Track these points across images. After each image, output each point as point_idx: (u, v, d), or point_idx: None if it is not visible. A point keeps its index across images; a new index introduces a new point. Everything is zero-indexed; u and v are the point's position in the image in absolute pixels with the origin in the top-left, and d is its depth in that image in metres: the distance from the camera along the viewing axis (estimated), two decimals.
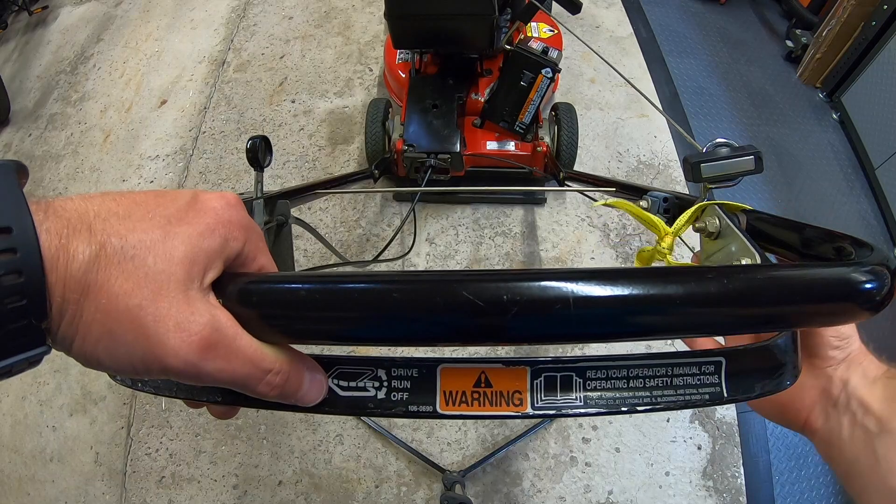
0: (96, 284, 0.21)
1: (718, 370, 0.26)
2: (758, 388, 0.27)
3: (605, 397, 0.25)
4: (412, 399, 0.26)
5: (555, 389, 0.26)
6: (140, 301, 0.21)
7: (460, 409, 0.26)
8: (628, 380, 0.26)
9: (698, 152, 0.43)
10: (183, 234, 0.23)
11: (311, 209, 1.51)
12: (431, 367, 0.26)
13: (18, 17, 2.20)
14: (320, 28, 1.93)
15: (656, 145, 1.61)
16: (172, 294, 0.22)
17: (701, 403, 0.26)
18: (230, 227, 0.24)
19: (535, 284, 0.21)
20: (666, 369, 0.26)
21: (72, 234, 0.21)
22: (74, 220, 0.21)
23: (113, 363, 0.22)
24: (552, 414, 0.26)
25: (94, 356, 0.22)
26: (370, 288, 0.23)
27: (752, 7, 2.11)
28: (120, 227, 0.22)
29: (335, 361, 0.26)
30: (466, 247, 1.43)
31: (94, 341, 0.21)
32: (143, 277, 0.21)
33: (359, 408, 0.26)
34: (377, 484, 1.15)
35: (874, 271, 0.23)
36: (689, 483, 1.13)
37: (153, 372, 0.22)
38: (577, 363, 0.26)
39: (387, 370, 0.26)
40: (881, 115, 1.54)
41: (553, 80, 1.21)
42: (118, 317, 0.21)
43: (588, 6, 1.92)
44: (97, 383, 1.29)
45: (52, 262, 0.20)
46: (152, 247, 0.22)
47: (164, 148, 1.68)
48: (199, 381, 0.23)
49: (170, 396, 0.28)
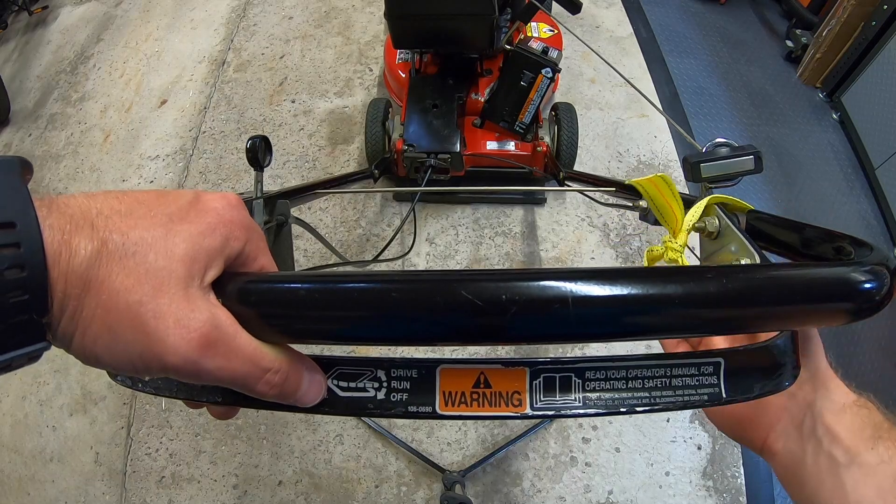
0: (97, 280, 0.21)
1: (717, 371, 0.26)
2: (757, 388, 0.26)
3: (604, 398, 0.25)
4: (412, 399, 0.26)
5: (554, 390, 0.26)
6: (140, 297, 0.21)
7: (460, 410, 0.26)
8: (627, 380, 0.26)
9: (698, 152, 0.43)
10: (184, 232, 0.23)
11: (311, 209, 1.51)
12: (431, 368, 0.26)
13: (18, 17, 2.20)
14: (320, 28, 1.93)
15: (656, 145, 1.61)
16: (173, 291, 0.22)
17: (700, 404, 0.26)
18: (231, 226, 0.24)
19: (534, 284, 0.21)
20: (665, 370, 0.26)
21: (74, 230, 0.21)
22: (77, 217, 0.21)
23: (112, 360, 0.22)
24: (551, 415, 0.26)
25: (93, 353, 0.22)
26: (369, 288, 0.23)
27: (752, 7, 2.11)
28: (122, 224, 0.22)
29: (335, 362, 0.26)
30: (466, 247, 1.43)
31: (93, 337, 0.21)
32: (143, 274, 0.21)
33: (359, 408, 0.26)
34: (377, 484, 1.15)
35: (873, 271, 0.23)
36: (689, 483, 1.13)
37: (152, 370, 0.22)
38: (577, 364, 0.26)
39: (386, 371, 0.26)
40: (881, 115, 1.54)
41: (553, 80, 1.21)
42: (118, 313, 0.21)
43: (588, 6, 1.92)
44: (97, 383, 1.29)
45: (54, 257, 0.20)
46: (153, 244, 0.22)
47: (164, 148, 1.68)
48: (198, 380, 0.23)
49: (170, 397, 0.28)
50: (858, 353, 1.30)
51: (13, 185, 0.20)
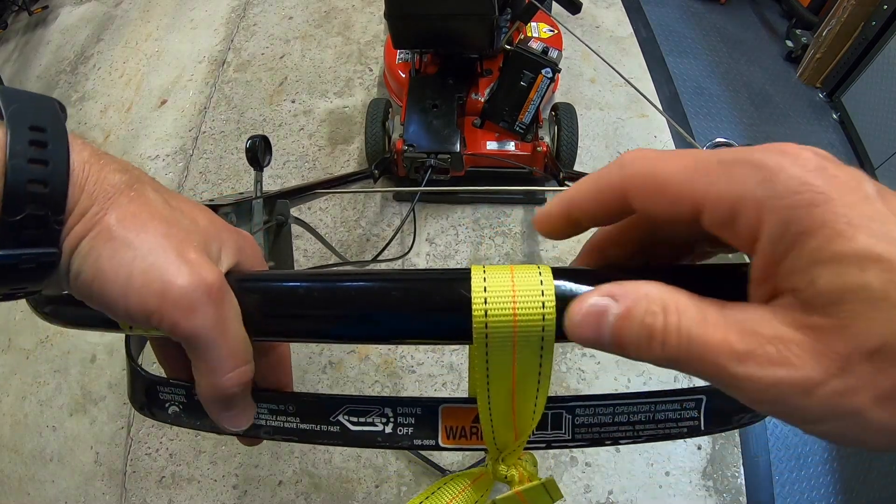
0: (129, 193, 0.22)
1: (699, 406, 0.28)
2: (735, 420, 0.28)
3: (592, 431, 0.28)
4: (417, 434, 0.28)
5: (546, 426, 0.28)
6: (167, 230, 0.22)
7: (460, 443, 0.28)
8: (614, 415, 0.27)
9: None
10: (207, 215, 0.25)
11: (311, 209, 1.51)
12: (434, 407, 0.28)
13: (18, 17, 2.20)
14: (320, 28, 1.93)
15: (656, 145, 1.61)
16: (195, 245, 0.22)
17: (679, 436, 0.28)
18: (245, 239, 0.26)
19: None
20: (649, 406, 0.27)
21: (107, 161, 0.22)
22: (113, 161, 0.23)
23: (112, 272, 0.21)
24: (542, 447, 0.28)
25: (95, 264, 0.21)
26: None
27: (752, 7, 2.11)
28: (153, 184, 0.24)
29: (345, 401, 0.28)
30: (466, 247, 1.43)
31: (106, 240, 0.21)
32: (174, 221, 0.22)
33: (369, 441, 0.28)
34: (377, 484, 1.15)
35: None
36: (689, 483, 1.13)
37: (148, 294, 0.21)
38: (568, 402, 0.27)
39: (393, 408, 0.28)
40: (881, 115, 1.54)
41: (553, 80, 1.21)
42: (142, 225, 0.21)
43: (588, 6, 1.92)
44: (97, 383, 1.29)
45: (80, 165, 0.21)
46: (181, 206, 0.24)
47: (164, 148, 1.68)
48: (177, 329, 0.21)
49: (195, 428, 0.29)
50: None
51: (52, 112, 0.21)
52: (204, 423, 0.28)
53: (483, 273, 0.21)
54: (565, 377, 1.24)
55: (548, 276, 0.20)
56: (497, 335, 0.20)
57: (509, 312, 0.20)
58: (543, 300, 0.20)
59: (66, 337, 1.35)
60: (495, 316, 0.20)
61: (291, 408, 0.28)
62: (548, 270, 0.20)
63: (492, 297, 0.20)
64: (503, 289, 0.20)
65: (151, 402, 0.30)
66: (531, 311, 0.20)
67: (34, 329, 1.38)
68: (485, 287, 0.20)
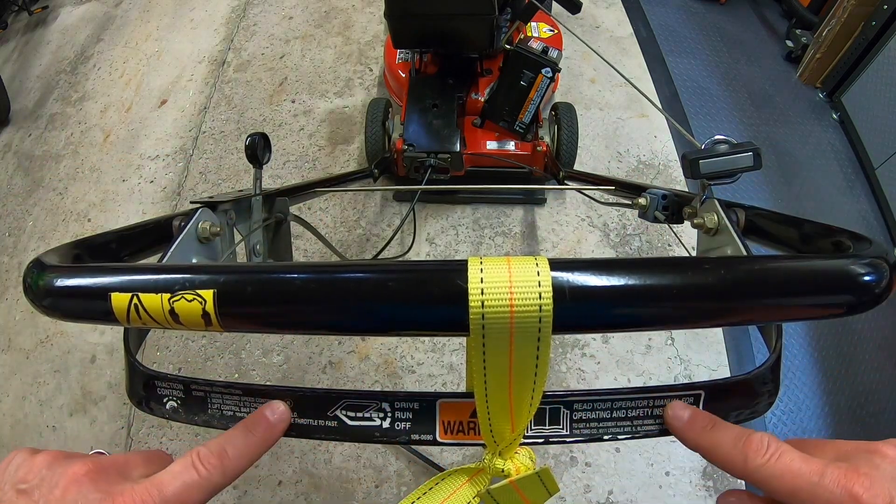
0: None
1: (697, 402, 0.28)
2: (733, 416, 0.28)
3: (590, 426, 0.27)
4: (415, 428, 0.28)
5: (544, 421, 0.28)
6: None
7: (458, 438, 0.28)
8: (612, 410, 0.27)
9: (697, 149, 0.43)
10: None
11: (310, 209, 1.51)
12: (431, 401, 0.28)
13: (18, 17, 2.20)
14: (320, 28, 1.93)
15: (656, 145, 1.61)
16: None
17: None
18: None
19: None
20: (648, 401, 0.27)
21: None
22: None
23: None
24: (541, 442, 0.28)
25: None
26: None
27: (752, 7, 2.11)
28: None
29: (343, 395, 0.28)
30: (466, 247, 1.43)
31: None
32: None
33: (366, 436, 0.28)
34: (377, 484, 1.15)
35: (872, 264, 0.23)
36: (689, 483, 1.13)
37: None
38: (566, 397, 0.27)
39: (390, 403, 0.28)
40: (881, 115, 1.54)
41: (553, 80, 1.21)
42: None
43: (588, 6, 1.92)
44: (97, 383, 1.29)
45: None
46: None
47: (164, 148, 1.68)
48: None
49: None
50: (858, 352, 1.30)
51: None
52: (201, 418, 0.28)
53: (480, 265, 0.21)
54: (565, 377, 1.24)
55: (545, 267, 0.20)
56: (494, 327, 0.20)
57: (506, 304, 0.20)
58: (540, 291, 0.19)
59: (66, 337, 1.35)
60: (492, 308, 0.20)
61: (289, 403, 0.28)
62: (545, 262, 0.20)
63: (489, 288, 0.20)
64: (500, 281, 0.20)
65: (149, 396, 0.30)
66: (528, 303, 0.19)
67: (34, 329, 1.38)
68: (482, 279, 0.20)
